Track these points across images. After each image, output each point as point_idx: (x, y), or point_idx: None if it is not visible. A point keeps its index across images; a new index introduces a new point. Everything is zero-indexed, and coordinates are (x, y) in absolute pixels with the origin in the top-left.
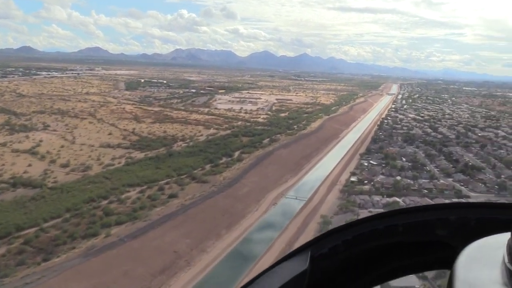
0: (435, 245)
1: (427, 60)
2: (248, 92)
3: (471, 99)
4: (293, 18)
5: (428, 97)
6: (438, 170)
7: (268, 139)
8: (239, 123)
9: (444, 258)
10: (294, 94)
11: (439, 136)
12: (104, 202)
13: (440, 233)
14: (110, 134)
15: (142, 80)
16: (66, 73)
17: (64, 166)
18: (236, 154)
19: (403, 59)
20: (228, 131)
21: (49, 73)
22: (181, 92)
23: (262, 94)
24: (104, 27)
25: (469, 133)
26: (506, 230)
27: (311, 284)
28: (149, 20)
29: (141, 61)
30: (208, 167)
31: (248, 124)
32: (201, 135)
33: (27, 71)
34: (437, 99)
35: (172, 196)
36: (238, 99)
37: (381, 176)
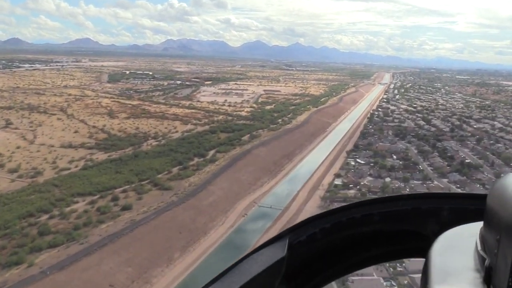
0: (410, 234)
1: (420, 48)
2: (235, 83)
3: (464, 88)
4: (285, 7)
5: (421, 87)
6: (432, 169)
7: (248, 136)
8: (220, 117)
9: (418, 247)
10: (284, 84)
11: (433, 129)
12: (44, 218)
13: (414, 222)
14: (76, 132)
15: (127, 72)
16: (50, 65)
17: (13, 171)
18: (210, 153)
19: (396, 48)
20: (206, 127)
21: (32, 65)
22: (166, 84)
23: (250, 85)
24: (94, 18)
25: (464, 125)
26: (477, 219)
27: (289, 270)
28: (139, 10)
29: (132, 52)
30: (175, 170)
31: (230, 118)
32: (176, 131)
33: (10, 63)
34: (430, 88)
35: (126, 208)
36: (223, 91)
37: (369, 178)
